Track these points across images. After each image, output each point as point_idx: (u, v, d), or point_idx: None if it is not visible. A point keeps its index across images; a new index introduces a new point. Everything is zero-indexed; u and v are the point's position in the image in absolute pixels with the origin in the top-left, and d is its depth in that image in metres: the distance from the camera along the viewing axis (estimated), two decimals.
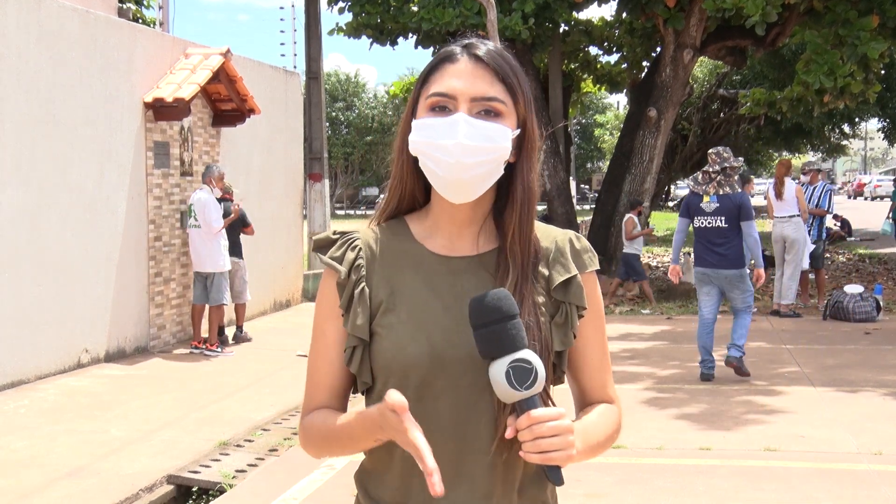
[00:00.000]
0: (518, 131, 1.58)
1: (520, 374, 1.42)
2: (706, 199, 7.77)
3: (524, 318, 1.53)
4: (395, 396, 1.39)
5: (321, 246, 1.66)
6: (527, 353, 1.44)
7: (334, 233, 1.66)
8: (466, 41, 1.60)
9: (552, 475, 1.47)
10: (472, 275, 1.59)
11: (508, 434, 1.45)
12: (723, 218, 7.67)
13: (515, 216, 1.58)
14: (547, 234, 1.66)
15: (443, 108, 1.55)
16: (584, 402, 1.70)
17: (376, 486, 1.63)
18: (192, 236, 9.50)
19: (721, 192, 7.72)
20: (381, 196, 1.69)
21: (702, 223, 7.80)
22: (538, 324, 1.56)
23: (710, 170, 7.83)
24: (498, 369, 1.43)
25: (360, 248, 1.63)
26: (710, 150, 7.96)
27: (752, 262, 8.09)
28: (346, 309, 1.60)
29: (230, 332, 10.39)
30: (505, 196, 1.61)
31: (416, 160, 1.59)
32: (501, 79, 1.57)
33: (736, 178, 7.85)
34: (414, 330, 1.54)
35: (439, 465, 1.50)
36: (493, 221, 1.63)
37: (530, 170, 1.60)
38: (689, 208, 7.95)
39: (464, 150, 1.51)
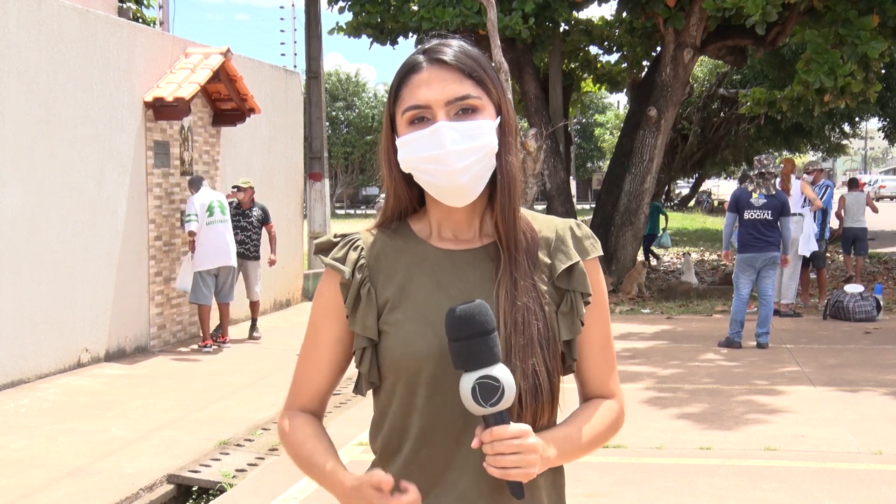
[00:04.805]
0: (498, 118, 1.59)
1: (486, 391, 1.43)
2: (755, 195, 9.20)
3: (522, 300, 1.54)
4: (380, 475, 1.44)
5: (323, 249, 1.66)
6: (497, 370, 1.44)
7: (335, 236, 1.66)
8: (426, 46, 1.59)
9: (513, 489, 1.49)
10: (477, 267, 1.60)
11: (474, 444, 1.47)
12: (769, 212, 9.13)
13: (498, 198, 1.58)
14: (548, 224, 1.66)
15: (421, 119, 1.54)
16: (585, 395, 1.69)
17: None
18: (219, 231, 9.53)
19: (761, 192, 9.14)
20: (382, 195, 1.69)
21: (751, 215, 9.16)
22: (539, 310, 1.56)
23: (752, 173, 9.38)
24: (466, 384, 1.44)
25: (363, 248, 1.63)
26: (755, 157, 9.53)
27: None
28: (353, 309, 1.60)
29: (235, 329, 10.52)
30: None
31: (406, 173, 1.60)
32: (468, 74, 1.56)
33: (773, 181, 9.28)
34: (422, 326, 1.54)
35: (451, 460, 1.54)
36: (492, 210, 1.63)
37: (509, 152, 1.59)
38: (738, 203, 9.30)
39: (455, 157, 1.51)
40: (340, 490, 1.54)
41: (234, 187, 10.59)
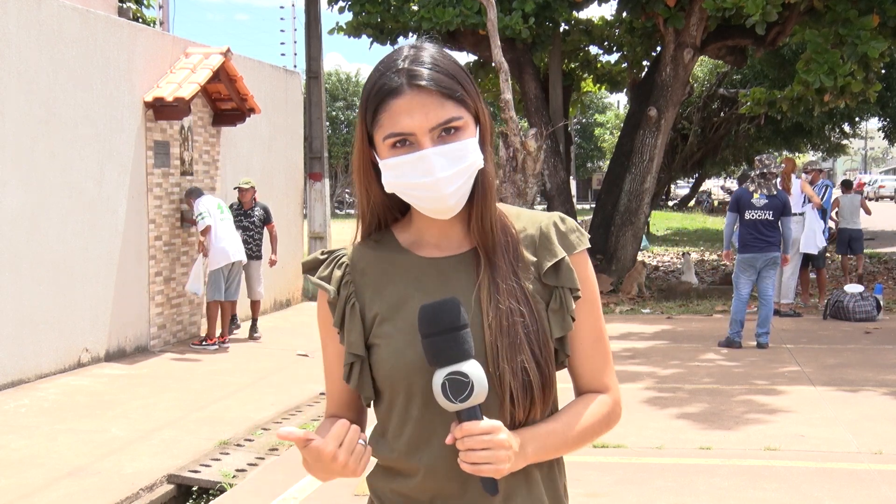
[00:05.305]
0: (478, 129, 1.58)
1: (455, 387, 1.44)
2: (756, 196, 9.17)
3: (505, 303, 1.54)
4: (284, 431, 1.45)
5: (310, 268, 1.68)
6: (466, 366, 1.45)
7: (321, 253, 1.68)
8: (400, 64, 1.54)
9: (485, 485, 1.50)
10: (462, 272, 1.60)
11: (447, 441, 1.48)
12: (770, 212, 9.10)
13: (475, 206, 1.59)
14: (532, 221, 1.65)
15: (404, 142, 1.53)
16: (578, 390, 1.68)
17: (388, 482, 1.64)
18: (230, 228, 9.66)
19: (762, 192, 9.10)
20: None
21: (752, 216, 9.14)
22: (525, 308, 1.56)
23: (753, 173, 9.35)
24: (436, 380, 1.45)
25: (347, 265, 1.64)
26: (755, 157, 9.51)
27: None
28: (340, 326, 1.63)
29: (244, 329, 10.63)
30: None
31: (385, 190, 1.59)
32: (448, 96, 1.53)
33: (774, 181, 9.24)
34: (411, 336, 1.54)
35: (451, 470, 1.53)
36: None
37: (487, 159, 1.59)
38: (738, 203, 9.27)
39: (445, 183, 1.52)
40: (311, 467, 1.59)
41: (235, 188, 10.62)
